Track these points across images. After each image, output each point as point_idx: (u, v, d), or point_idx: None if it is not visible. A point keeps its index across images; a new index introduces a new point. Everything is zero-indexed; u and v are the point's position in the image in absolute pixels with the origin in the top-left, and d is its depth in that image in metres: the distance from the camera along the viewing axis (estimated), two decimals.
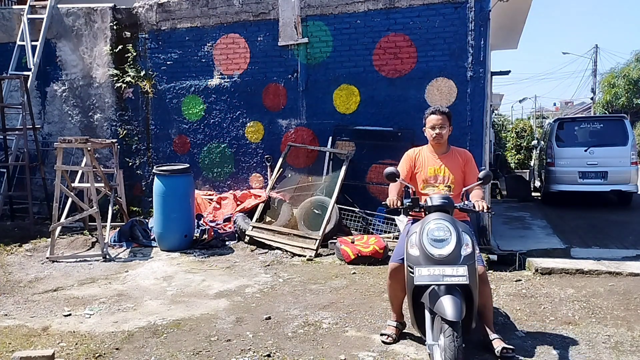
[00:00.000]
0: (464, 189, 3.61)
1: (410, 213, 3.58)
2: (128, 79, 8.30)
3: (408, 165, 3.82)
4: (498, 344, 3.43)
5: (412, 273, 3.08)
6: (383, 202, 3.62)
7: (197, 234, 6.89)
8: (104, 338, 3.87)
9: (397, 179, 3.53)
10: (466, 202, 3.43)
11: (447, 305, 2.93)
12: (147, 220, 7.33)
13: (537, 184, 12.78)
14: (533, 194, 12.52)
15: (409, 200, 3.46)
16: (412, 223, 3.57)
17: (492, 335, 3.52)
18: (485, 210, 3.37)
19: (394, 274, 3.55)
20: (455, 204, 3.35)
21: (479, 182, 3.46)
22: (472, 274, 3.03)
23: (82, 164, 7.26)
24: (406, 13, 7.11)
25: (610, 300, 4.66)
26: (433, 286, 3.04)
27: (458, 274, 2.98)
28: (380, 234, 6.70)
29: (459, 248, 3.08)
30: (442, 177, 3.70)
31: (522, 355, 3.54)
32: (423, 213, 3.42)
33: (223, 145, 8.06)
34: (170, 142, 8.29)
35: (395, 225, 6.62)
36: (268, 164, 7.75)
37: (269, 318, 4.25)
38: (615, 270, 5.48)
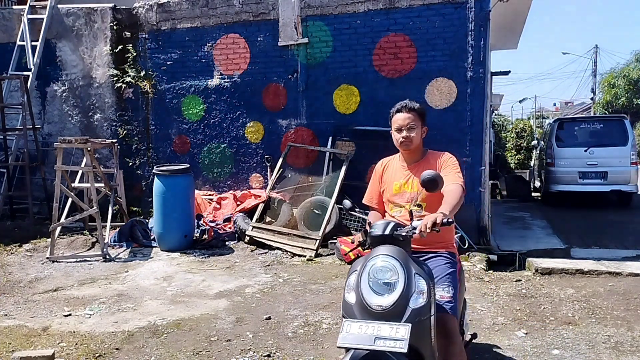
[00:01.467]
0: (411, 204, 2.72)
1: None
2: (128, 79, 8.30)
3: (376, 184, 3.01)
4: None
5: (341, 328, 2.28)
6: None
7: (197, 234, 6.89)
8: (104, 338, 3.87)
9: (352, 212, 2.93)
10: (414, 224, 2.47)
11: None
12: (147, 220, 7.33)
13: (537, 184, 12.79)
14: (533, 194, 12.53)
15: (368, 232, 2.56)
16: None
17: None
18: (428, 230, 2.35)
19: None
20: (396, 232, 2.43)
21: (422, 189, 2.55)
22: (420, 336, 2.22)
23: (82, 164, 7.26)
24: (406, 13, 7.11)
25: (610, 301, 4.66)
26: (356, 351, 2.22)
27: (396, 337, 2.13)
28: None
29: (406, 298, 2.24)
30: (410, 193, 2.78)
31: (522, 355, 3.54)
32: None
33: (223, 146, 8.06)
34: (170, 142, 8.29)
35: None
36: (268, 164, 7.75)
37: (269, 318, 4.25)
38: (615, 270, 5.48)
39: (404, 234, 2.42)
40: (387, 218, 2.76)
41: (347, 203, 2.96)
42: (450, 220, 2.41)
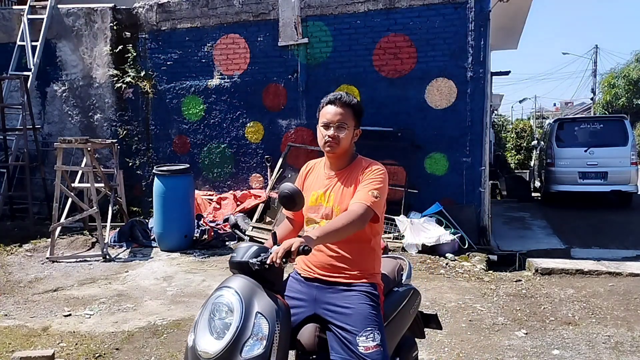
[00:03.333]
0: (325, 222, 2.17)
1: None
2: (128, 79, 8.30)
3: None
4: None
5: None
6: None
7: (197, 234, 6.89)
8: (104, 338, 3.87)
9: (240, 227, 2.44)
10: (273, 249, 1.94)
11: None
12: (147, 221, 7.33)
13: (537, 184, 12.79)
14: (533, 194, 12.52)
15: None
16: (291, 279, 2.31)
17: None
18: (278, 261, 1.87)
19: None
20: (253, 260, 1.96)
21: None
22: None
23: (82, 164, 7.26)
24: (406, 13, 7.11)
25: (610, 301, 4.66)
26: None
27: None
28: None
29: (236, 345, 1.83)
30: (325, 207, 2.24)
31: (522, 355, 3.54)
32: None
33: (223, 146, 8.06)
34: (170, 142, 8.29)
35: (395, 225, 6.61)
36: (268, 164, 7.75)
37: None
38: (615, 270, 5.49)
39: (257, 265, 1.94)
40: (249, 243, 2.14)
41: (232, 219, 2.45)
42: (308, 248, 1.88)
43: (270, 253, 1.92)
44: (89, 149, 6.64)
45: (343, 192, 2.21)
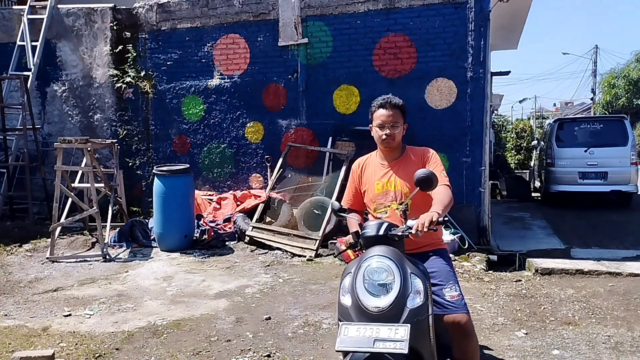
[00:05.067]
0: (403, 202, 2.60)
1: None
2: (128, 79, 8.30)
3: (352, 185, 2.92)
4: None
5: (338, 331, 2.21)
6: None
7: (197, 234, 6.89)
8: (104, 338, 3.87)
9: (342, 213, 2.76)
10: (409, 224, 2.39)
11: None
12: (147, 221, 7.33)
13: (537, 184, 12.79)
14: (533, 194, 12.52)
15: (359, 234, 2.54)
16: None
17: None
18: (425, 230, 2.31)
19: None
20: (390, 232, 2.39)
21: (416, 189, 2.43)
22: (419, 336, 2.18)
23: (82, 164, 7.26)
24: (406, 13, 7.12)
25: (610, 301, 4.66)
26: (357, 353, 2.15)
27: (396, 338, 2.08)
28: None
29: (403, 298, 2.19)
30: (394, 192, 2.69)
31: (522, 356, 3.54)
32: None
33: (223, 146, 8.06)
34: (170, 142, 8.29)
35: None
36: (268, 164, 7.75)
37: (269, 318, 4.25)
38: (615, 270, 5.48)
39: (399, 234, 2.37)
40: (388, 216, 2.68)
41: (336, 204, 2.80)
42: (447, 218, 2.45)
43: (406, 226, 2.38)
44: (89, 149, 6.64)
45: (404, 176, 2.68)
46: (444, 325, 2.53)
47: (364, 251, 2.44)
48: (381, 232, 2.38)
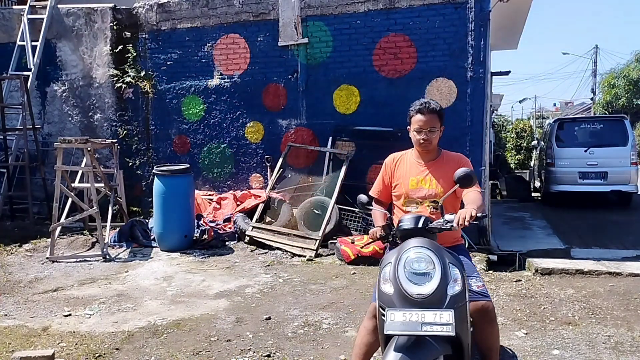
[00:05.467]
0: (441, 198, 2.78)
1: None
2: (128, 79, 8.30)
3: (384, 178, 3.07)
4: None
5: (384, 317, 2.31)
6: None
7: (197, 234, 6.89)
8: (104, 338, 3.87)
9: (369, 206, 2.91)
10: (447, 218, 2.58)
11: None
12: (147, 221, 7.33)
13: (537, 184, 12.78)
14: (533, 194, 12.52)
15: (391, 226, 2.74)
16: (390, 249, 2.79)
17: None
18: (466, 224, 2.52)
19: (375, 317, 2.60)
20: (430, 225, 2.56)
21: (456, 185, 2.65)
22: (460, 321, 2.30)
23: (82, 164, 7.26)
24: (406, 13, 7.11)
25: (610, 301, 4.66)
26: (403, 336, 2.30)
27: (442, 322, 2.21)
28: None
29: (444, 286, 2.33)
30: (427, 190, 2.88)
31: (522, 356, 3.54)
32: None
33: (223, 146, 8.06)
34: (170, 142, 8.29)
35: None
36: (268, 164, 7.75)
37: (269, 318, 4.25)
38: (615, 270, 5.48)
39: (439, 227, 2.53)
40: (399, 212, 2.90)
41: (363, 197, 2.93)
42: (484, 214, 2.67)
43: (444, 220, 2.54)
44: (89, 149, 6.64)
45: (440, 176, 2.86)
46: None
47: (393, 243, 2.68)
48: (420, 225, 2.52)
